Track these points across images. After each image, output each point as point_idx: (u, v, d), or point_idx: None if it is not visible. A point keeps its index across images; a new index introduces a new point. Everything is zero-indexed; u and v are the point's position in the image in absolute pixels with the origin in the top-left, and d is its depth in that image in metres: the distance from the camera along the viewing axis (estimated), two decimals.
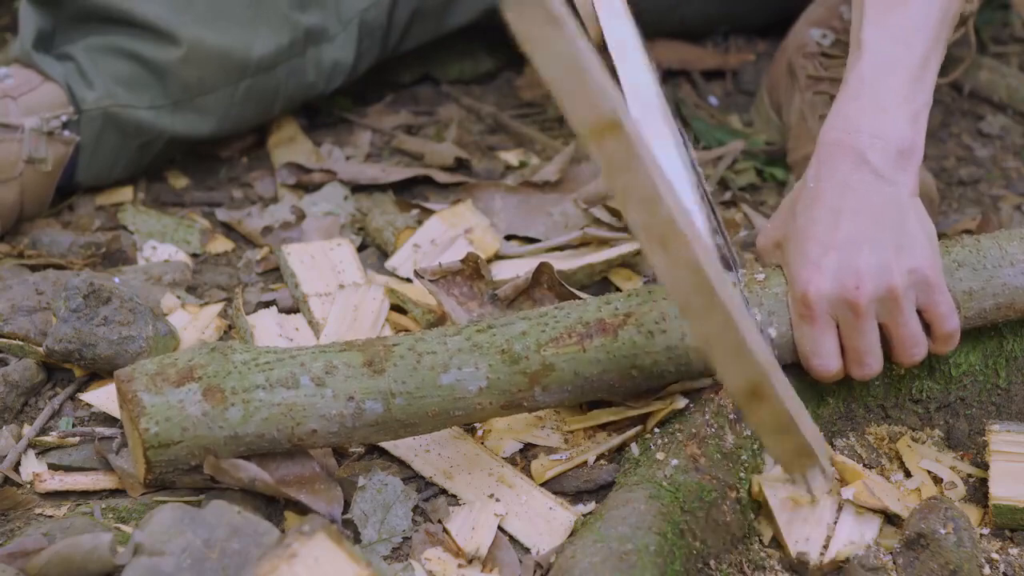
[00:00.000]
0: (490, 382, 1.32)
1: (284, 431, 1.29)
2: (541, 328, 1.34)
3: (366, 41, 1.89)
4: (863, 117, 1.38)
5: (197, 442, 1.28)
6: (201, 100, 1.80)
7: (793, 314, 1.36)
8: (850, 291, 1.33)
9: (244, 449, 1.30)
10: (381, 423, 1.31)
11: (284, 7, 1.82)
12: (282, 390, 1.29)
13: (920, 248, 1.35)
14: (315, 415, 1.30)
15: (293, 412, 1.29)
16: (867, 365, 1.37)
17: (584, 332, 1.34)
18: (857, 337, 1.35)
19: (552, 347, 1.33)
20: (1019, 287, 1.41)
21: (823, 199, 1.37)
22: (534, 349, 1.33)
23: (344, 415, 1.30)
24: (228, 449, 1.29)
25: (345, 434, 1.31)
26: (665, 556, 1.24)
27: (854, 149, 1.37)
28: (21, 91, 1.72)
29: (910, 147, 1.38)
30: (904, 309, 1.35)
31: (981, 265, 1.41)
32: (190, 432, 1.28)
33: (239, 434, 1.28)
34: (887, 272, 1.34)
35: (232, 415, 1.28)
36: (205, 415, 1.28)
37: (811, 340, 1.36)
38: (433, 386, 1.31)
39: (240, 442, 1.29)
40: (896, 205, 1.36)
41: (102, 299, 1.49)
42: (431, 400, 1.31)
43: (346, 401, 1.30)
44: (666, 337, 1.34)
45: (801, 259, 1.36)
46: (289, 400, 1.29)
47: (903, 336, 1.37)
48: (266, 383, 1.29)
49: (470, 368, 1.32)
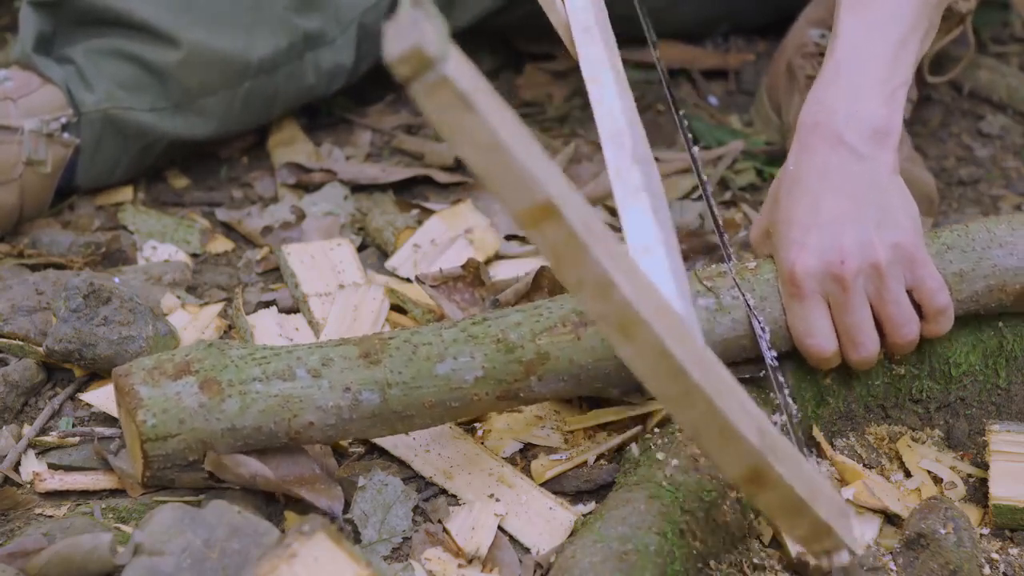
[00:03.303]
0: (486, 371, 1.32)
1: (281, 423, 1.29)
2: (535, 319, 1.35)
3: (365, 44, 1.90)
4: (838, 100, 1.39)
5: (194, 435, 1.28)
6: (201, 103, 1.80)
7: (784, 296, 1.37)
8: (835, 266, 1.34)
9: (241, 443, 1.30)
10: (378, 415, 1.31)
11: (283, 10, 1.82)
12: (278, 382, 1.30)
13: (902, 224, 1.36)
14: (311, 406, 1.30)
15: (290, 404, 1.29)
16: (861, 345, 1.37)
17: (578, 321, 1.34)
18: (847, 313, 1.36)
19: (547, 336, 1.34)
20: (1009, 268, 1.41)
21: (803, 182, 1.38)
22: (529, 338, 1.33)
23: (341, 406, 1.30)
24: (225, 442, 1.29)
25: (342, 426, 1.31)
26: (665, 556, 1.24)
27: (831, 130, 1.38)
28: (21, 93, 1.72)
29: (886, 125, 1.38)
30: (891, 285, 1.36)
31: (970, 247, 1.41)
32: (187, 424, 1.28)
33: (236, 426, 1.29)
34: (870, 247, 1.35)
35: (229, 407, 1.28)
36: (202, 407, 1.28)
37: (802, 319, 1.36)
38: (429, 376, 1.31)
39: (238, 435, 1.29)
40: (875, 182, 1.37)
41: (102, 299, 1.49)
42: (427, 390, 1.31)
43: (342, 392, 1.30)
44: None
45: (786, 241, 1.37)
46: (286, 392, 1.29)
47: (893, 314, 1.37)
48: (263, 375, 1.30)
49: (466, 357, 1.32)
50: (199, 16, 1.78)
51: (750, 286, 1.38)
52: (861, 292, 1.36)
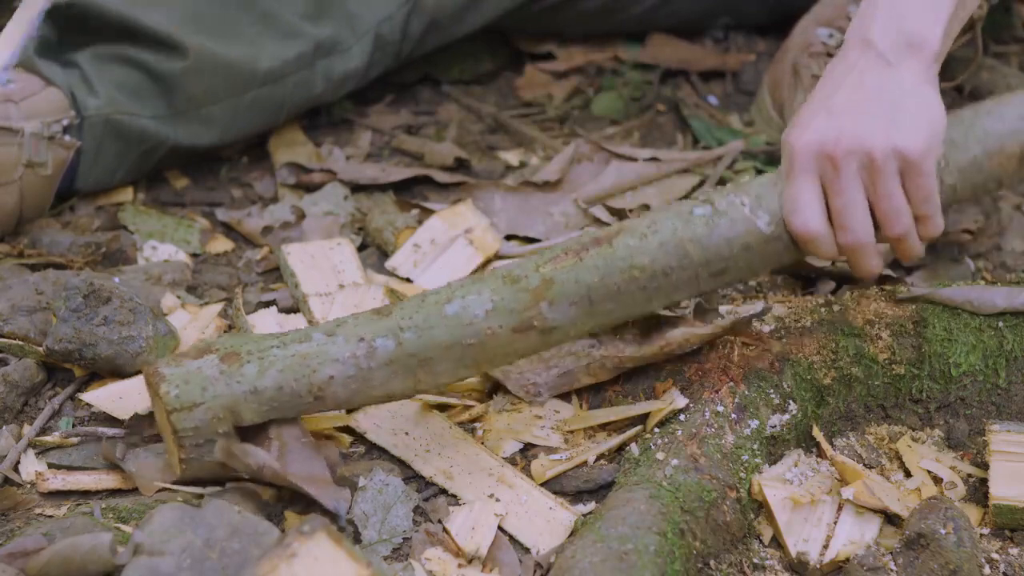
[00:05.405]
0: (495, 304, 1.34)
1: (302, 381, 1.32)
2: (538, 255, 1.38)
3: (378, 53, 1.89)
4: (877, 12, 1.41)
5: (218, 401, 1.30)
6: (205, 110, 1.80)
7: (783, 173, 1.39)
8: (829, 145, 1.36)
9: (267, 408, 1.31)
10: (396, 360, 1.33)
11: (295, 19, 1.82)
12: (295, 345, 1.33)
13: (914, 131, 1.37)
14: (328, 359, 1.32)
15: (307, 360, 1.32)
16: (850, 229, 1.38)
17: (579, 248, 1.37)
18: (837, 195, 1.37)
19: (550, 265, 1.36)
20: (1003, 131, 1.42)
21: (826, 79, 1.42)
22: (533, 269, 1.36)
23: (357, 355, 1.32)
24: (250, 407, 1.31)
25: (363, 378, 1.33)
26: (665, 556, 1.25)
27: (864, 39, 1.41)
28: (23, 95, 1.72)
29: (921, 37, 1.40)
30: (886, 179, 1.37)
31: (958, 120, 1.43)
32: (209, 391, 1.30)
33: (258, 388, 1.31)
34: (870, 137, 1.36)
35: (248, 370, 1.31)
36: (223, 373, 1.31)
37: (792, 197, 1.38)
38: (440, 316, 1.34)
39: (261, 398, 1.31)
40: (897, 88, 1.38)
41: (102, 299, 1.49)
42: (440, 330, 1.33)
43: (357, 342, 1.33)
44: (658, 235, 1.37)
45: (793, 124, 1.40)
46: (302, 351, 1.32)
47: (886, 209, 1.38)
48: (280, 343, 1.33)
49: (473, 296, 1.34)
50: (206, 24, 1.77)
51: (746, 189, 1.40)
52: (854, 177, 1.37)
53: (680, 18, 2.13)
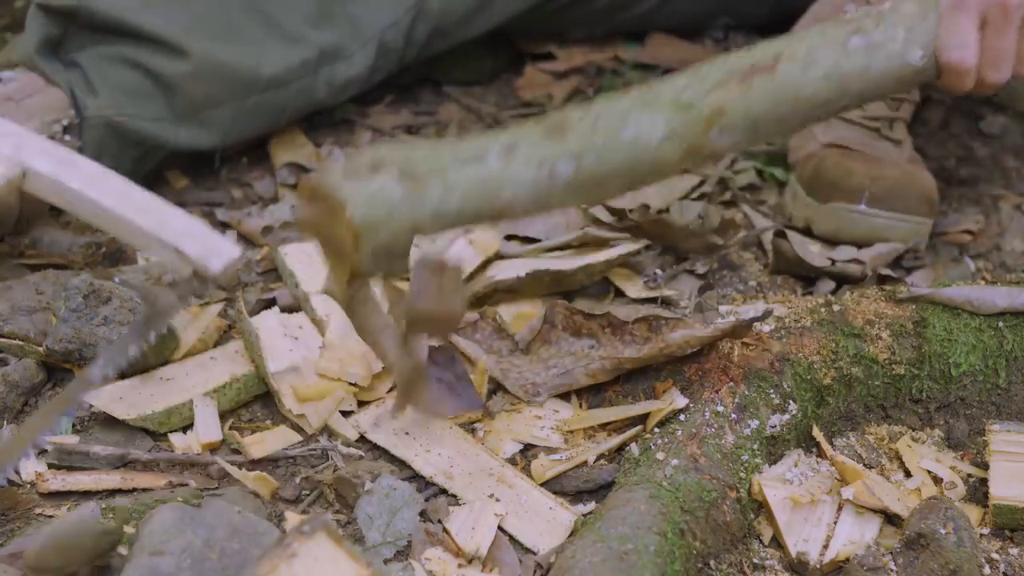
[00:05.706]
0: (669, 131, 1.35)
1: (484, 205, 1.33)
2: (700, 81, 1.37)
3: (382, 60, 1.89)
4: None
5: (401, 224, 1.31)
6: (206, 114, 1.80)
7: (945, 8, 1.40)
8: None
9: (448, 224, 1.34)
10: (575, 183, 1.34)
11: (299, 25, 1.81)
12: (474, 165, 1.32)
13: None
14: (510, 182, 1.32)
15: (489, 183, 1.32)
16: (1001, 71, 1.43)
17: (743, 75, 1.37)
18: (1001, 38, 1.42)
19: (718, 93, 1.36)
20: None
21: None
22: (702, 96, 1.35)
23: (539, 178, 1.33)
24: (431, 225, 1.32)
25: (542, 198, 1.34)
26: (665, 556, 1.25)
27: None
28: (23, 94, 1.72)
29: None
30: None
31: None
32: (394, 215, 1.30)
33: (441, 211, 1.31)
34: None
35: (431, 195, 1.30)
36: (406, 196, 1.30)
37: (956, 33, 1.40)
38: (617, 141, 1.34)
39: (444, 220, 1.32)
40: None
41: (102, 299, 1.49)
42: (618, 154, 1.34)
43: (538, 166, 1.32)
44: (820, 67, 1.37)
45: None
46: (483, 175, 1.32)
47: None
48: (455, 161, 1.32)
49: (647, 121, 1.35)
50: (210, 28, 1.77)
51: (895, 21, 1.40)
52: (1018, 23, 1.42)
53: (680, 18, 2.13)
